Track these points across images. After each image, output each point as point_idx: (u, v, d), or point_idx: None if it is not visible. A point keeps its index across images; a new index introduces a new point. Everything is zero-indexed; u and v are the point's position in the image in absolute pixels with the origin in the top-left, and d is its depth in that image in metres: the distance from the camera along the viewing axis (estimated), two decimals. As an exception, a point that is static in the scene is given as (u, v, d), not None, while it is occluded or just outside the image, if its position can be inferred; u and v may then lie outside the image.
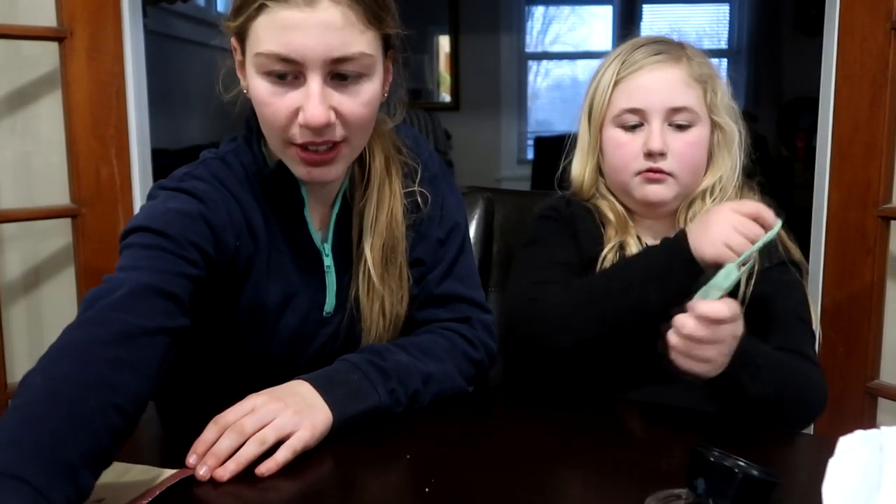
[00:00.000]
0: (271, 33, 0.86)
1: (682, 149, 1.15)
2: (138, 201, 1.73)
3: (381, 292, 1.02)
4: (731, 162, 1.18)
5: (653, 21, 5.55)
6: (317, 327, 1.04)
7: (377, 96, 0.93)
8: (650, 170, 1.15)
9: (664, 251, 1.05)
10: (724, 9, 5.52)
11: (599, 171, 1.23)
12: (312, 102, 0.87)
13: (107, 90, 1.68)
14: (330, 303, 1.04)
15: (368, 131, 0.96)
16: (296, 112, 0.88)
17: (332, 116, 0.88)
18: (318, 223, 1.03)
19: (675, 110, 1.14)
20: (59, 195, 1.71)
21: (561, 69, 5.80)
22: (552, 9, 5.67)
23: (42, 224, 1.74)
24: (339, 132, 0.91)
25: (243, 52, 0.93)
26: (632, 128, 1.16)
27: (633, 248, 1.17)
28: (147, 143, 1.77)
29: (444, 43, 5.58)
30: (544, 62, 5.75)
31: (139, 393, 0.75)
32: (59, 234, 1.75)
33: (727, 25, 5.53)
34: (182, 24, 4.03)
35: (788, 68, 5.20)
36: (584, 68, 5.78)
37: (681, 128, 1.15)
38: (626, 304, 1.04)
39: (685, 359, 0.90)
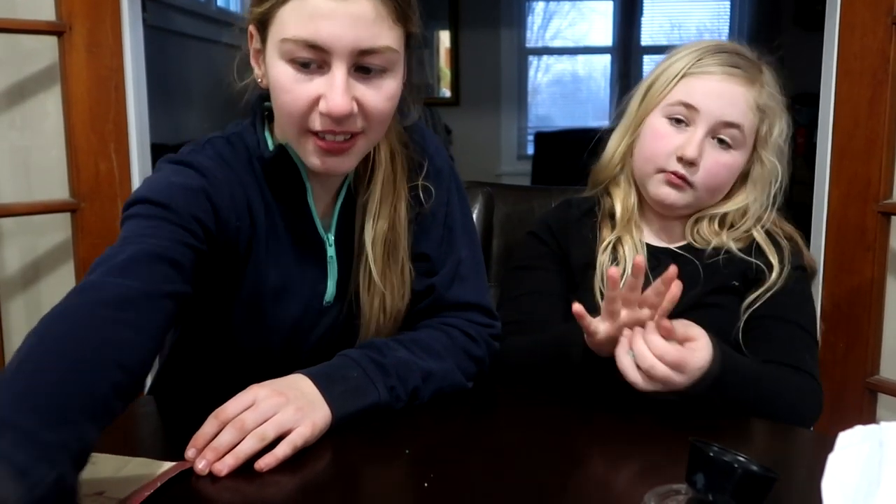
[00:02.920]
0: (300, 20, 0.86)
1: (714, 166, 1.13)
2: (138, 196, 1.72)
3: (382, 289, 1.02)
4: (762, 200, 1.16)
5: (653, 16, 5.54)
6: (316, 317, 1.04)
7: (398, 92, 0.93)
8: (675, 173, 1.14)
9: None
10: (725, 4, 5.51)
11: (627, 155, 1.22)
12: (336, 91, 0.87)
13: (106, 85, 1.68)
14: (330, 292, 1.03)
15: (385, 126, 0.96)
16: (317, 100, 0.88)
17: (355, 107, 0.88)
18: (322, 212, 1.03)
19: (727, 125, 1.12)
20: (58, 190, 1.71)
21: (561, 64, 5.78)
22: (552, 4, 5.65)
23: (41, 219, 1.74)
24: (359, 124, 0.91)
25: (263, 41, 0.92)
26: (677, 122, 1.14)
27: (628, 246, 1.17)
28: (146, 137, 1.77)
29: (445, 38, 5.57)
30: (545, 57, 5.74)
31: (142, 350, 0.74)
32: (58, 229, 1.74)
33: (728, 21, 5.52)
34: (181, 18, 4.02)
35: (789, 64, 5.17)
36: (584, 64, 5.77)
37: (722, 144, 1.13)
38: (556, 368, 1.06)
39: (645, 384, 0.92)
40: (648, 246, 1.19)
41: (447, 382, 1.01)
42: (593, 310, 1.11)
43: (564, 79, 5.79)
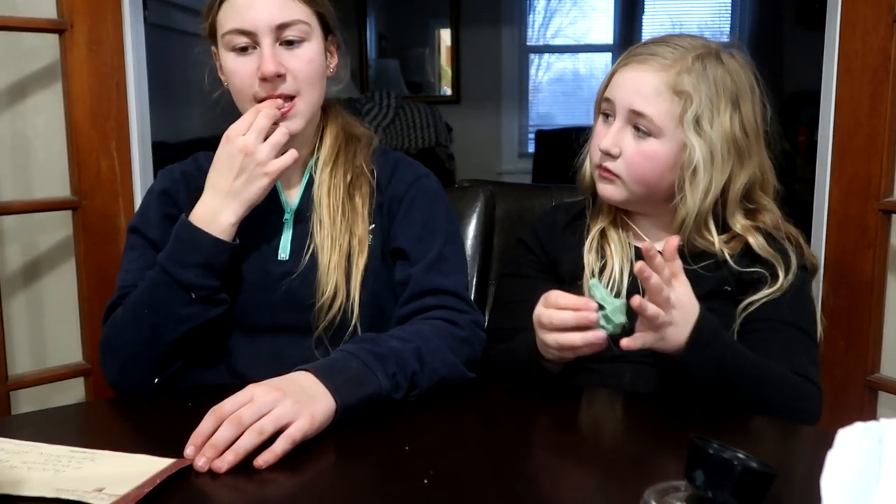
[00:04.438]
0: (231, 16, 1.11)
1: (632, 156, 1.12)
2: (139, 193, 1.72)
3: (331, 234, 1.15)
4: (697, 192, 1.10)
5: (654, 14, 5.53)
6: (274, 267, 1.16)
7: (318, 58, 1.15)
8: (601, 166, 1.15)
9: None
10: (726, 2, 5.51)
11: None
12: (265, 58, 1.10)
13: (107, 83, 1.68)
14: (284, 247, 1.18)
15: (316, 89, 1.16)
16: (256, 72, 1.10)
17: (282, 69, 1.10)
18: (292, 188, 1.22)
19: (636, 114, 1.11)
20: (59, 187, 1.71)
21: (562, 62, 5.78)
22: (553, 2, 5.65)
23: (42, 216, 1.74)
24: (290, 86, 1.12)
25: (217, 47, 1.15)
26: (606, 118, 1.16)
27: (615, 244, 1.18)
28: (147, 135, 1.77)
29: (446, 36, 5.56)
30: (546, 55, 5.73)
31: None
32: (59, 227, 1.74)
33: (728, 18, 5.51)
34: (182, 16, 4.02)
35: (790, 62, 5.18)
36: (585, 62, 5.77)
37: (640, 133, 1.12)
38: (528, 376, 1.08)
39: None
40: (637, 249, 1.19)
41: (441, 363, 1.04)
42: None
43: (565, 77, 5.78)
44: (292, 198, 1.21)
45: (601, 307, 0.96)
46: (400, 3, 5.66)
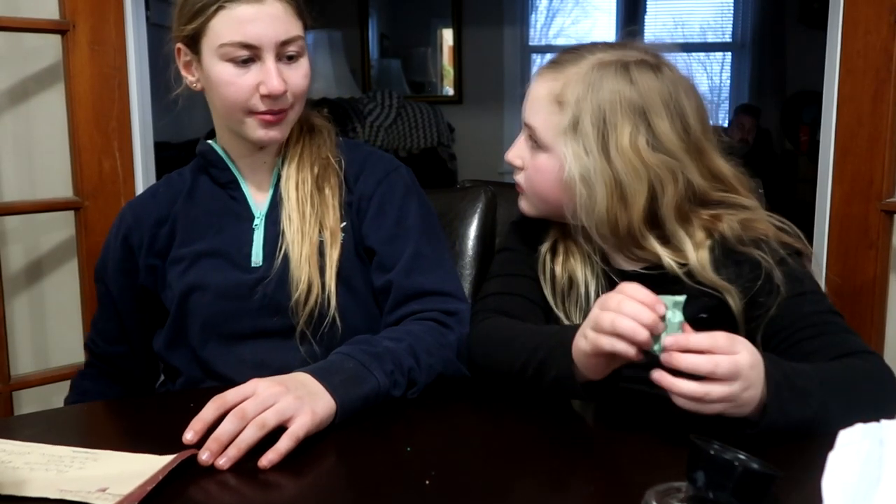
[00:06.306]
0: (231, 27, 1.07)
1: (528, 170, 1.11)
2: (141, 194, 1.73)
3: (299, 223, 1.13)
4: (589, 208, 1.02)
5: (657, 14, 5.52)
6: (246, 275, 1.15)
7: (310, 70, 1.15)
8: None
9: (552, 338, 0.95)
10: (729, 1, 5.50)
11: None
12: (271, 77, 1.08)
13: (109, 83, 1.68)
14: (256, 253, 1.16)
15: (304, 99, 1.17)
16: (256, 87, 1.09)
17: (285, 86, 1.09)
18: (261, 196, 1.20)
19: (527, 126, 1.10)
20: (61, 188, 1.72)
21: (564, 62, 5.77)
22: (556, 1, 5.64)
23: (45, 217, 1.74)
24: (289, 101, 1.12)
25: (196, 52, 1.12)
26: None
27: (575, 252, 1.12)
28: (150, 135, 1.77)
29: (448, 36, 5.56)
30: (548, 55, 5.69)
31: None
32: (61, 227, 1.75)
33: (731, 18, 5.51)
34: (185, 16, 4.02)
35: (792, 61, 5.17)
36: (587, 61, 5.76)
37: (535, 146, 1.09)
38: (520, 378, 0.98)
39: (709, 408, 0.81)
40: (608, 270, 1.10)
41: (437, 360, 1.04)
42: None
43: (567, 77, 5.77)
44: (261, 202, 1.19)
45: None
46: (402, 3, 5.66)
